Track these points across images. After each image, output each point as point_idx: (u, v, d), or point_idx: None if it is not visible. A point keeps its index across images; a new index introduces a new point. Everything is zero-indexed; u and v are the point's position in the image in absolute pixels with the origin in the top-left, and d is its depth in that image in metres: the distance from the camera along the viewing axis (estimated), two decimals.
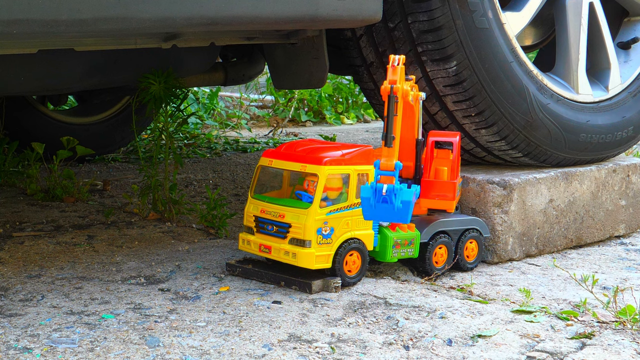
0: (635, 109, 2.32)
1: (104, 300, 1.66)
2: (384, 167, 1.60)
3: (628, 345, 1.47)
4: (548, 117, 2.09)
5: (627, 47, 2.41)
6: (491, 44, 1.98)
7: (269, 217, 1.77)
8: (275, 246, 1.75)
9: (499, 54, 2.00)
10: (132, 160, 3.46)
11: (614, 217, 2.24)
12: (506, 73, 2.01)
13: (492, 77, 1.99)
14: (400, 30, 1.97)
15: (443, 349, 1.45)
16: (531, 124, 2.06)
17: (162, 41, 1.83)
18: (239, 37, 1.96)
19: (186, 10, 1.53)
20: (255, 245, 1.79)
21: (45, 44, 1.74)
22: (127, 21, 1.48)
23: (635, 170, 2.29)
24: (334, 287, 1.73)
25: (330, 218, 1.71)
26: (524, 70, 2.05)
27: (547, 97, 2.10)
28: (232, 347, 1.43)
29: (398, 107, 1.62)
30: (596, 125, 2.20)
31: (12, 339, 1.45)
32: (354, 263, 1.76)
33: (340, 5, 1.70)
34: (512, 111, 2.03)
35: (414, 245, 1.81)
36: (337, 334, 1.50)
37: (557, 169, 2.13)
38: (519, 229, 2.02)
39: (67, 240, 2.12)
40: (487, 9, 1.97)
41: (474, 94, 1.98)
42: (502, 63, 2.00)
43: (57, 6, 1.41)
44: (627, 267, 2.01)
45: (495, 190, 1.99)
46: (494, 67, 1.99)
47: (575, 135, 2.15)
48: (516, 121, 2.04)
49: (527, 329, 1.55)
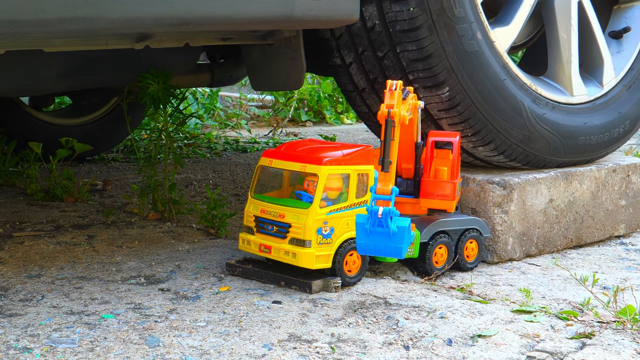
0: (630, 101, 2.30)
1: (104, 300, 1.66)
2: (380, 192, 1.60)
3: (628, 345, 1.47)
4: (545, 127, 2.08)
5: (619, 37, 2.38)
6: (482, 65, 1.96)
7: (269, 217, 1.76)
8: (275, 246, 1.75)
9: (491, 73, 1.98)
10: (132, 160, 3.46)
11: (614, 217, 2.24)
12: (500, 92, 1.99)
13: (485, 98, 1.97)
14: (390, 59, 1.95)
15: (443, 349, 1.45)
16: (529, 137, 2.05)
17: (134, 42, 1.80)
18: (214, 38, 1.94)
19: (155, 10, 1.50)
20: (255, 245, 1.79)
21: (12, 45, 1.70)
22: (94, 22, 1.45)
23: (635, 170, 2.29)
24: (334, 287, 1.73)
25: (330, 218, 1.71)
26: (517, 85, 2.04)
27: (543, 107, 2.08)
28: (232, 347, 1.43)
29: (395, 132, 1.62)
30: (594, 126, 2.20)
31: (12, 339, 1.45)
32: (354, 263, 1.76)
33: (315, 5, 1.68)
34: (509, 127, 2.02)
35: (413, 245, 1.81)
36: (337, 334, 1.50)
37: (557, 169, 2.13)
38: (519, 229, 2.02)
39: (67, 240, 2.12)
40: (476, 31, 1.95)
41: (468, 117, 1.97)
42: (495, 82, 1.98)
43: (21, 6, 1.37)
44: (627, 267, 2.01)
45: (495, 190, 1.99)
46: (487, 87, 1.97)
47: (574, 140, 2.15)
48: (513, 136, 2.03)
49: (527, 329, 1.55)
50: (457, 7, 1.90)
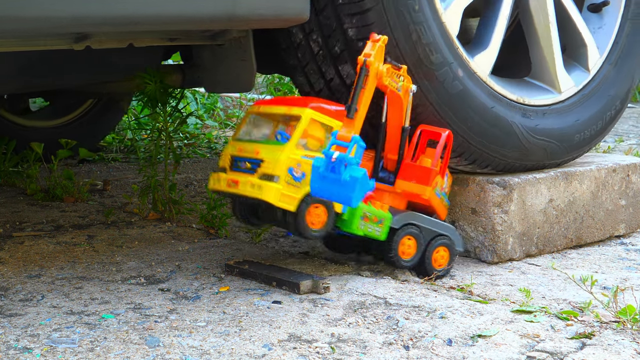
0: (618, 80, 2.25)
1: (104, 300, 1.66)
2: (340, 137, 1.58)
3: (628, 345, 1.47)
4: (541, 138, 2.06)
5: (599, 10, 2.29)
6: (469, 102, 1.93)
7: (245, 154, 1.72)
8: (242, 180, 1.70)
9: (479, 106, 1.94)
10: (132, 160, 3.46)
11: (614, 216, 2.24)
12: (490, 121, 1.96)
13: (477, 132, 1.95)
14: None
15: (443, 349, 1.45)
16: (526, 153, 2.04)
17: (73, 42, 1.75)
18: (159, 38, 1.88)
19: (86, 10, 1.45)
20: (224, 181, 1.74)
21: None
22: (22, 21, 1.41)
23: (635, 169, 2.29)
24: (322, 288, 1.72)
25: (304, 162, 1.66)
26: (505, 105, 2.00)
27: (534, 118, 2.06)
28: (232, 347, 1.43)
29: (368, 82, 1.61)
30: (586, 119, 2.18)
31: (12, 339, 1.45)
32: (318, 216, 1.70)
33: (261, 4, 1.62)
34: (504, 151, 2.00)
35: (383, 225, 1.77)
36: (337, 334, 1.50)
37: (557, 169, 2.13)
38: (519, 229, 2.02)
39: (67, 240, 2.12)
40: (457, 70, 1.90)
41: (462, 152, 1.96)
42: (484, 114, 1.95)
43: None
44: (627, 267, 2.01)
45: (495, 190, 1.99)
46: (477, 122, 1.94)
47: (570, 140, 2.14)
48: (510, 156, 2.02)
49: (527, 329, 1.55)
50: (434, 53, 1.86)
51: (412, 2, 1.82)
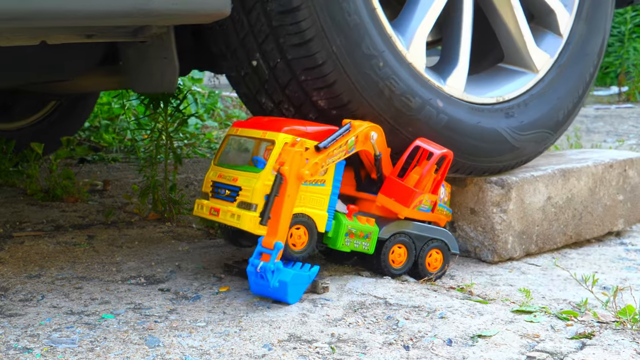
0: (591, 36, 2.17)
1: (104, 300, 1.66)
2: (264, 244, 1.59)
3: (628, 345, 1.47)
4: (529, 133, 2.05)
5: None
6: (455, 128, 1.90)
7: (224, 181, 1.73)
8: (223, 209, 1.70)
9: (465, 128, 1.93)
10: (132, 160, 3.46)
11: (613, 212, 2.24)
12: (479, 138, 1.95)
13: (471, 153, 1.94)
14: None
15: (443, 349, 1.45)
16: (519, 151, 2.04)
17: None
18: (74, 35, 1.79)
19: None
20: (207, 209, 1.74)
21: None
22: None
23: (632, 164, 2.29)
24: (321, 288, 1.72)
25: None
26: (489, 114, 1.98)
27: (518, 114, 2.04)
28: (232, 347, 1.43)
29: (286, 188, 1.59)
30: (566, 92, 2.13)
31: (12, 339, 1.45)
32: (299, 237, 1.70)
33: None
34: (500, 157, 2.00)
35: (370, 239, 1.77)
36: (337, 334, 1.50)
37: (555, 166, 2.13)
38: (518, 228, 2.02)
39: (67, 240, 2.12)
40: (437, 101, 1.88)
41: (458, 168, 1.96)
42: (473, 134, 1.94)
43: None
44: (627, 267, 2.01)
45: (494, 190, 1.99)
46: (467, 143, 1.93)
47: (555, 120, 2.10)
48: (505, 160, 2.03)
49: (527, 329, 1.55)
50: (412, 99, 1.83)
51: (376, 61, 1.78)
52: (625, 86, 6.61)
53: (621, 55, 6.72)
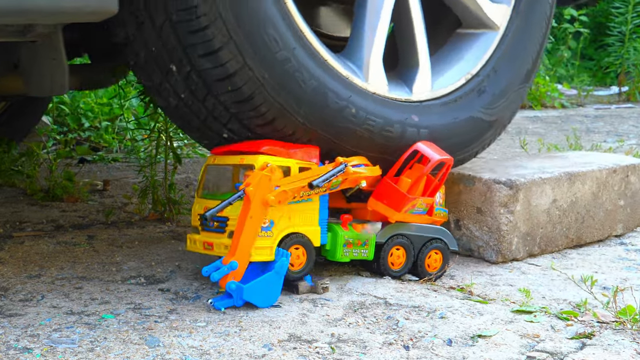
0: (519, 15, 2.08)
1: (104, 300, 1.66)
2: (223, 262, 1.60)
3: (628, 345, 1.47)
4: (504, 100, 2.01)
5: None
6: (439, 136, 1.90)
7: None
8: (216, 242, 1.68)
9: (447, 135, 1.92)
10: (132, 160, 3.46)
11: (613, 216, 2.25)
12: (463, 133, 1.95)
13: (454, 150, 1.94)
14: None
15: (443, 349, 1.45)
16: (498, 121, 2.01)
17: None
18: None
19: None
20: (200, 243, 1.72)
21: None
22: None
23: (634, 170, 2.29)
24: (321, 288, 1.72)
25: (269, 210, 1.64)
26: (467, 104, 1.96)
27: (491, 87, 1.99)
28: (232, 347, 1.43)
29: (249, 209, 1.59)
30: (531, 35, 2.07)
31: (12, 339, 1.45)
32: (297, 258, 1.70)
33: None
34: (483, 139, 2.00)
35: (368, 246, 1.78)
36: (337, 334, 1.50)
37: (561, 169, 2.12)
38: (524, 229, 2.02)
39: (67, 240, 2.12)
40: (421, 131, 1.85)
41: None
42: (453, 135, 1.94)
43: None
44: (627, 267, 2.01)
45: (502, 190, 1.98)
46: (452, 144, 1.93)
47: (525, 69, 2.06)
48: (489, 137, 2.03)
49: (527, 329, 1.55)
50: (392, 129, 1.81)
51: (348, 110, 1.75)
52: (626, 86, 6.60)
53: (621, 55, 6.72)
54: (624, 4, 6.67)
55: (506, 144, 3.97)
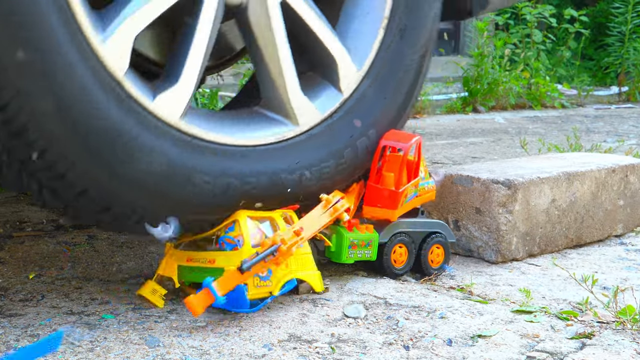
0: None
1: (104, 300, 1.66)
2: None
3: (628, 345, 1.47)
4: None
5: None
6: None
7: (198, 264, 1.61)
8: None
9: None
10: None
11: (613, 216, 2.25)
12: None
13: None
14: None
15: (443, 349, 1.45)
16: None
17: None
18: None
19: None
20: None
21: None
22: None
23: (633, 170, 2.29)
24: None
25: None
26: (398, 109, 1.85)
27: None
28: (232, 347, 1.43)
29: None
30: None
31: (12, 339, 1.45)
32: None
33: None
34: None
35: (372, 247, 1.78)
36: (337, 334, 1.50)
37: (559, 169, 2.13)
38: (523, 229, 2.02)
39: (67, 240, 2.12)
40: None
41: None
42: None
43: None
44: (627, 267, 2.01)
45: (500, 190, 1.98)
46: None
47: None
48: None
49: (527, 329, 1.55)
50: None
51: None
52: (626, 86, 6.60)
53: (621, 55, 6.72)
54: (624, 4, 6.67)
55: (506, 144, 3.97)
